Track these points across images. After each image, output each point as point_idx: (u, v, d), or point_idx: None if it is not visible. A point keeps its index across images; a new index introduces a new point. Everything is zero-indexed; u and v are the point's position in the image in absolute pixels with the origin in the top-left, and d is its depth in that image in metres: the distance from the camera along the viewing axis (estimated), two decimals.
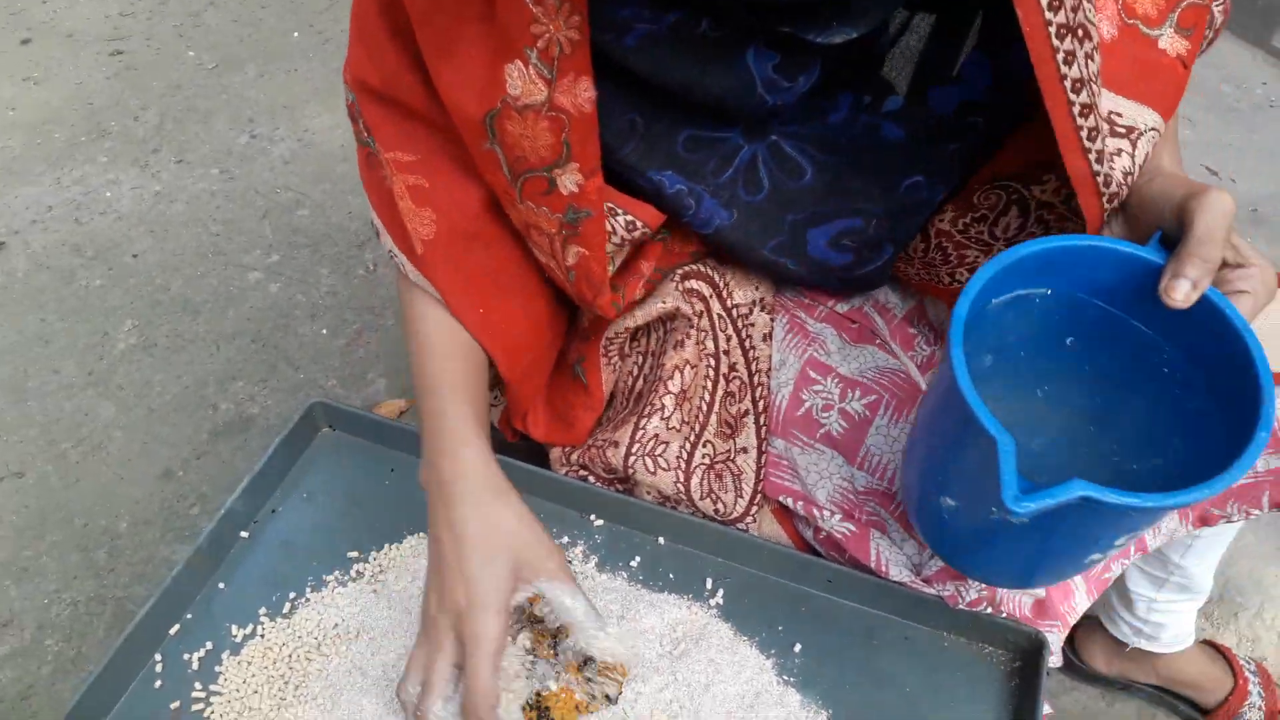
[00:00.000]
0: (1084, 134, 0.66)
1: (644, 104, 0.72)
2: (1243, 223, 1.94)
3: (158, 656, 0.79)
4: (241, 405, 1.69)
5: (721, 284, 0.89)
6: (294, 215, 2.01)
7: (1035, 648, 0.75)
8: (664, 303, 0.86)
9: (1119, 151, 0.69)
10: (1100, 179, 0.67)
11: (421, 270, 0.79)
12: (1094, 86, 0.65)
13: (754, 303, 0.91)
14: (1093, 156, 0.66)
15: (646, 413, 0.87)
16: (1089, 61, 0.64)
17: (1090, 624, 1.31)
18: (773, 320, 0.92)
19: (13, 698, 1.37)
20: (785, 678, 0.76)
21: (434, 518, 0.73)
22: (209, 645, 0.79)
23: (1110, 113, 0.69)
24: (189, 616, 0.82)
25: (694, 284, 0.87)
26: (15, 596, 1.46)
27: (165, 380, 1.73)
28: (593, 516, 0.87)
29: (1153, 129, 0.71)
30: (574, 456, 0.91)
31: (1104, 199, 0.68)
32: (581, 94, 0.66)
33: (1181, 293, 0.59)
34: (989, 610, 0.79)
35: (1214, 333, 0.61)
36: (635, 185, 0.77)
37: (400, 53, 0.73)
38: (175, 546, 1.49)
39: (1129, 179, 0.70)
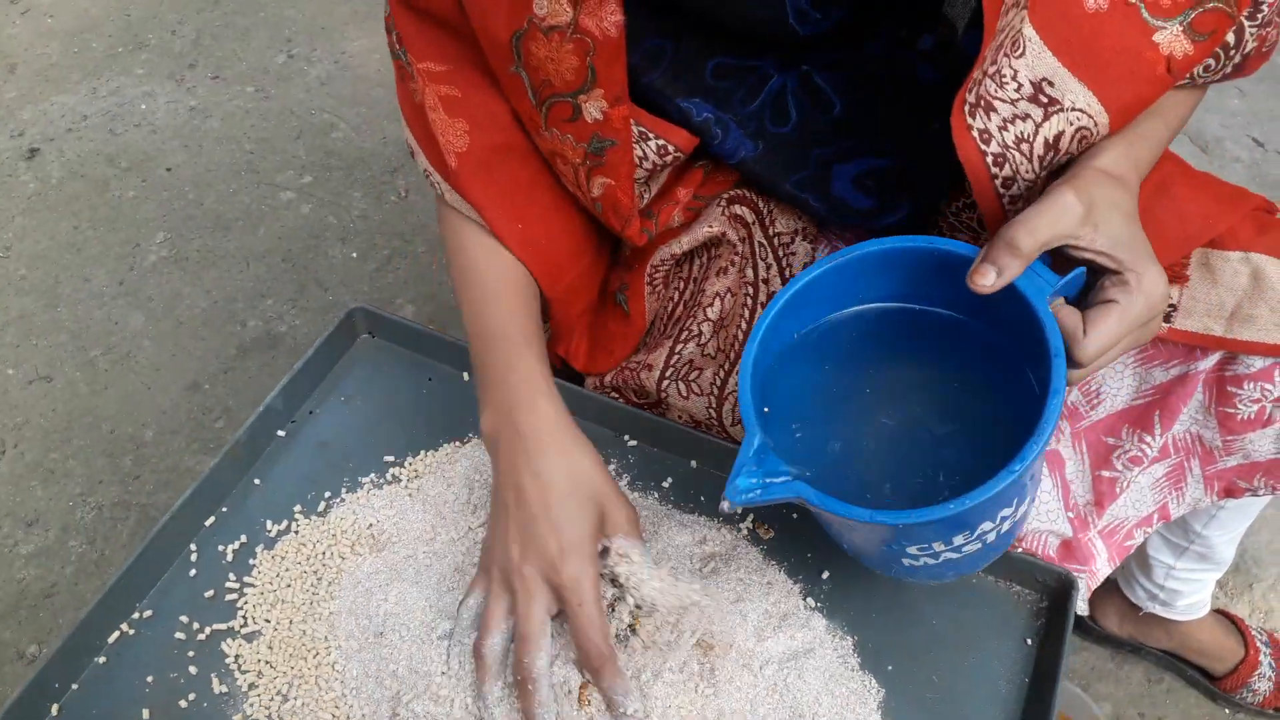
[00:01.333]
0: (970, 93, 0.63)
1: (674, 30, 0.71)
2: None
3: (193, 546, 0.80)
4: (270, 323, 1.70)
5: (765, 210, 0.89)
6: (328, 137, 2.00)
7: (1065, 589, 0.75)
8: (710, 227, 0.85)
9: (1024, 117, 0.65)
10: (975, 133, 0.65)
11: (455, 185, 0.78)
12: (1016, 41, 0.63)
13: (796, 231, 0.90)
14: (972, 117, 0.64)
15: (683, 338, 0.87)
16: (1005, 14, 0.62)
17: (1106, 585, 1.31)
18: (814, 250, 0.91)
19: (36, 595, 1.39)
20: (812, 602, 0.76)
21: (511, 467, 0.71)
22: (243, 539, 0.80)
23: (1042, 79, 0.64)
24: (224, 510, 0.82)
25: (739, 209, 0.87)
26: (41, 497, 1.49)
27: (195, 294, 1.74)
28: (626, 437, 0.87)
29: (1082, 113, 0.65)
30: (608, 378, 0.91)
31: (989, 161, 0.66)
32: (608, 17, 0.65)
33: (985, 278, 0.55)
34: (1016, 549, 0.79)
35: (1026, 321, 0.58)
36: (664, 111, 0.76)
37: None
38: (200, 457, 1.50)
39: (1025, 149, 0.66)
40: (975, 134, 0.66)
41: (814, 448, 0.65)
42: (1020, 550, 0.79)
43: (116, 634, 0.76)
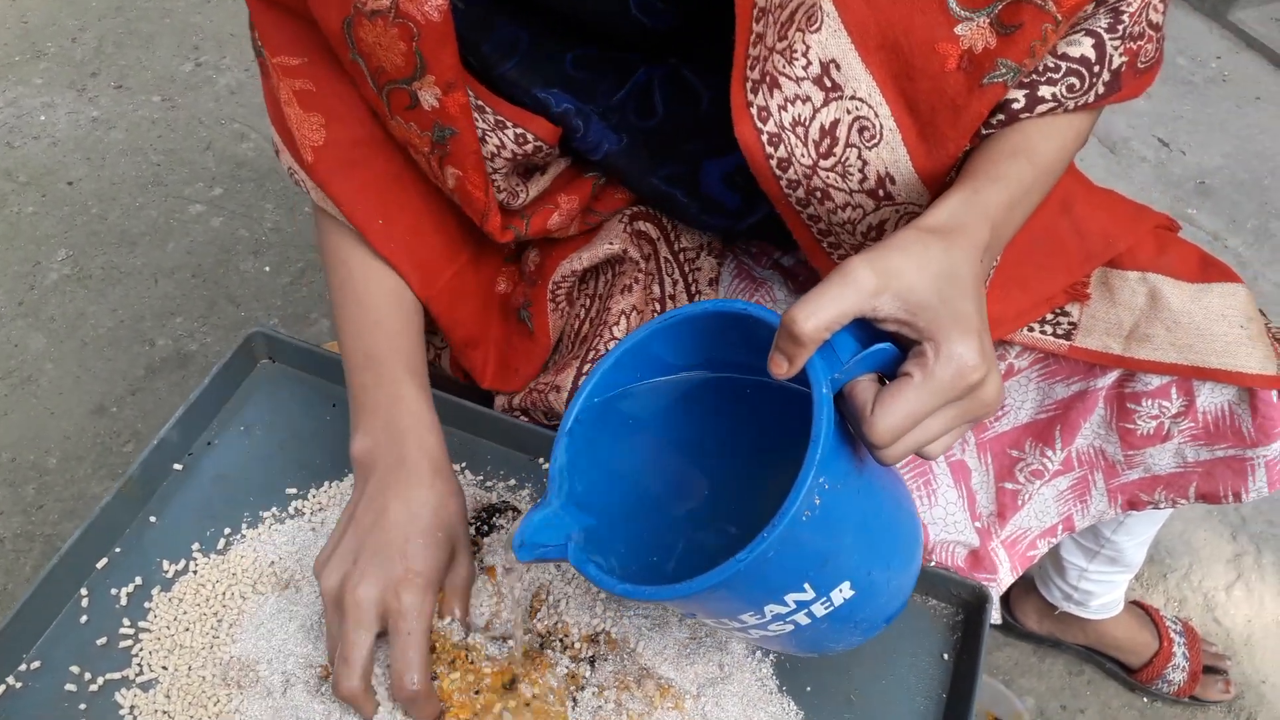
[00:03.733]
0: (750, 65, 0.62)
1: (529, 20, 0.69)
2: (1190, 194, 1.97)
3: (84, 590, 0.76)
4: (180, 341, 1.64)
5: (670, 226, 0.88)
6: (239, 148, 1.95)
7: (978, 602, 0.76)
8: (611, 244, 0.84)
9: (805, 99, 0.63)
10: (754, 110, 0.63)
11: (314, 178, 0.75)
12: (792, 18, 0.61)
13: (701, 247, 0.89)
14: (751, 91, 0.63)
15: (589, 357, 0.85)
16: None
17: (1024, 584, 1.34)
18: (720, 265, 0.91)
19: None
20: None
21: (380, 490, 0.70)
22: (139, 580, 0.77)
23: (831, 59, 0.62)
24: (118, 550, 0.79)
25: (642, 225, 0.86)
26: None
27: (100, 313, 1.68)
28: (541, 460, 0.85)
29: (862, 103, 0.63)
30: (515, 400, 0.89)
31: (764, 140, 0.64)
32: (429, 1, 0.63)
33: (778, 368, 0.52)
34: (928, 562, 0.79)
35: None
36: (522, 103, 0.73)
37: None
38: (107, 484, 1.45)
39: (800, 132, 0.65)
40: (754, 111, 0.64)
41: (620, 506, 0.65)
42: (932, 563, 0.79)
43: (1, 688, 0.72)
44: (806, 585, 0.55)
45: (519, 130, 0.73)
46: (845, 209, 0.69)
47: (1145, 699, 1.34)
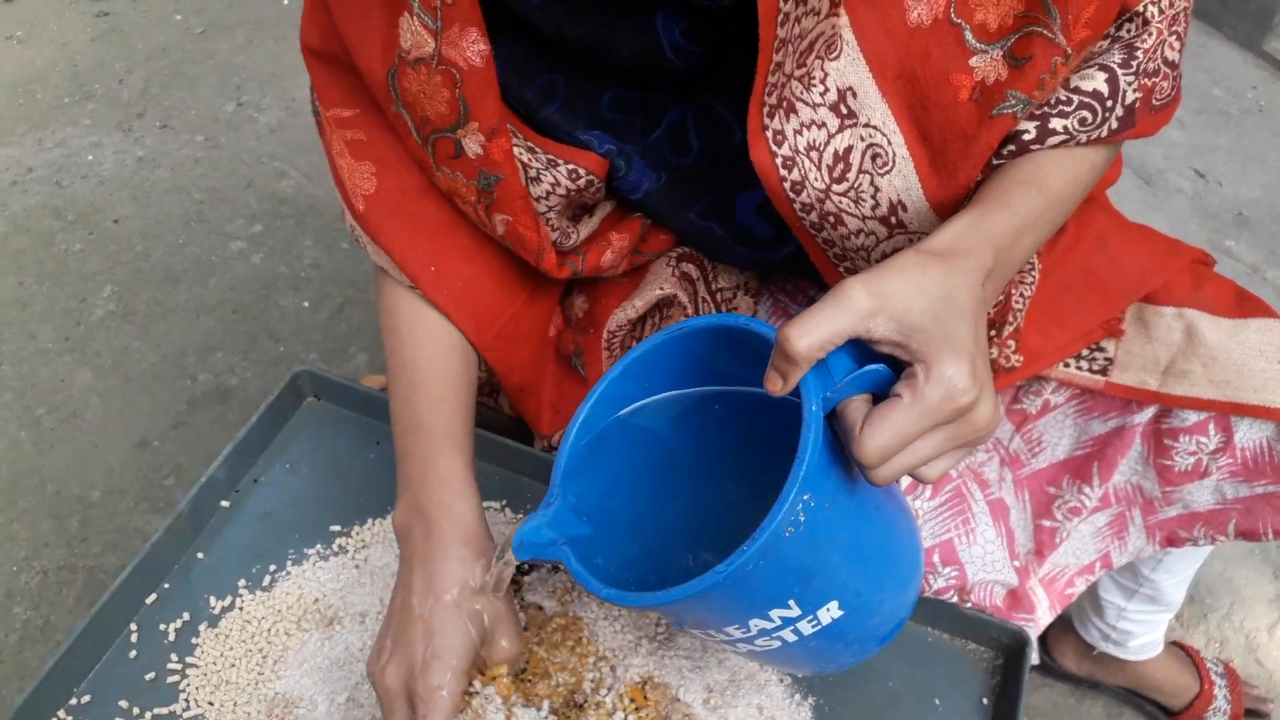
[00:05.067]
0: (768, 91, 0.63)
1: (563, 63, 0.70)
2: (1228, 226, 1.95)
3: (133, 626, 0.78)
4: (221, 376, 1.67)
5: (709, 266, 0.89)
6: (279, 185, 1.98)
7: (1019, 646, 0.75)
8: (662, 289, 0.85)
9: (820, 124, 0.64)
10: (770, 134, 0.64)
11: (365, 228, 0.76)
12: (814, 47, 0.62)
13: (738, 286, 0.90)
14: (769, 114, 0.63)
15: None
16: (799, 21, 0.60)
17: (1063, 625, 1.32)
18: (756, 304, 0.91)
19: None
20: (767, 665, 0.76)
21: (409, 566, 0.69)
22: (186, 616, 0.78)
23: (848, 87, 0.63)
24: (166, 586, 0.80)
25: (687, 267, 0.87)
26: None
27: (143, 348, 1.71)
28: None
29: (876, 130, 0.64)
30: (554, 438, 0.90)
31: (778, 163, 0.65)
32: (470, 46, 0.64)
33: (773, 385, 0.53)
34: (955, 598, 0.79)
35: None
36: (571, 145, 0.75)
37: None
38: (149, 517, 1.47)
39: (814, 156, 0.66)
40: (769, 134, 0.65)
41: (619, 516, 0.65)
42: (969, 605, 0.79)
43: None
44: (791, 602, 0.55)
45: (571, 167, 0.74)
46: (858, 235, 0.69)
47: None
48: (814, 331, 0.50)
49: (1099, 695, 1.35)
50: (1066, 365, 0.83)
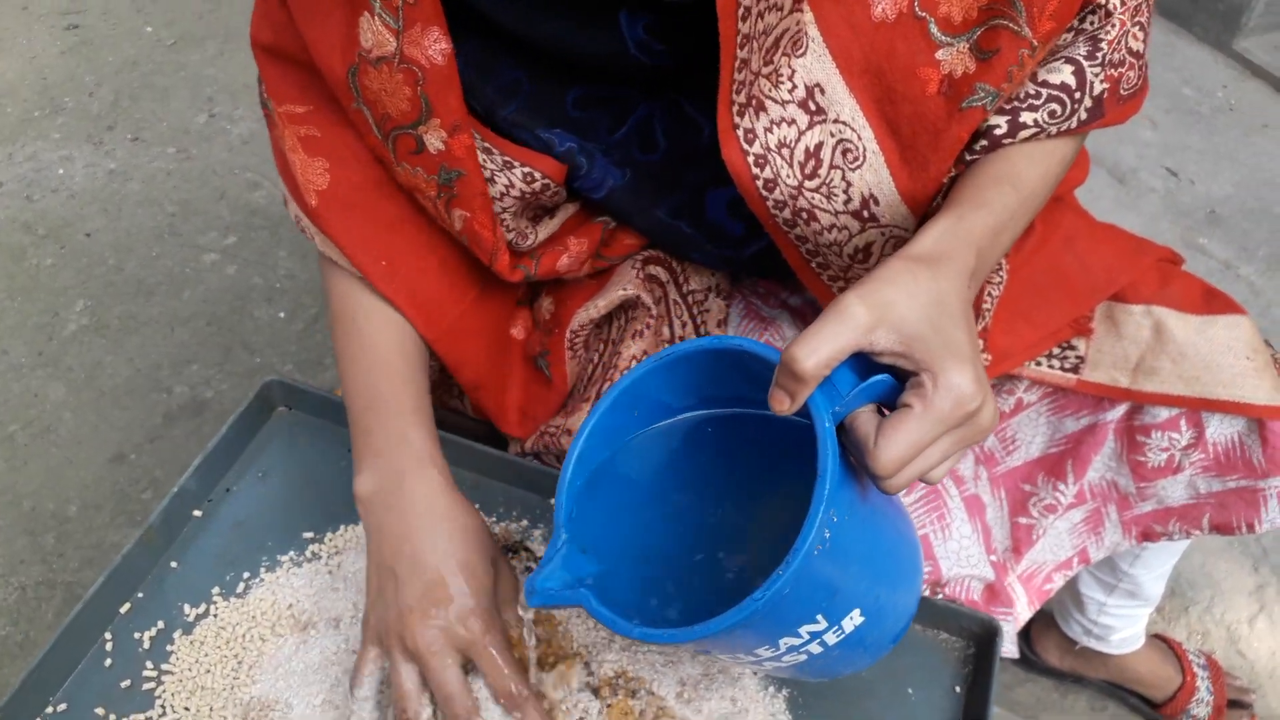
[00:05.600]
0: (735, 89, 0.63)
1: (528, 61, 0.71)
2: (1200, 224, 1.97)
3: (108, 635, 0.77)
4: (196, 389, 1.66)
5: (679, 269, 0.89)
6: (252, 196, 1.98)
7: (989, 635, 0.76)
8: (625, 290, 0.85)
9: (790, 121, 0.64)
10: (740, 132, 0.65)
11: (317, 223, 0.76)
12: (775, 43, 0.62)
13: (709, 289, 0.90)
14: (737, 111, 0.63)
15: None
16: (761, 17, 0.61)
17: (1045, 620, 1.33)
18: (728, 306, 0.92)
19: None
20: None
21: (402, 533, 0.70)
22: (160, 624, 0.78)
23: (816, 84, 0.63)
24: (140, 595, 0.80)
25: (654, 269, 0.87)
26: None
27: (117, 362, 1.70)
28: (553, 500, 0.86)
29: (846, 125, 0.64)
30: (528, 444, 0.90)
31: (750, 161, 0.66)
32: (432, 45, 0.65)
33: (780, 405, 0.53)
34: (938, 595, 0.80)
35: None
36: (526, 144, 0.75)
37: (287, 6, 0.72)
38: (126, 531, 1.46)
39: (785, 154, 0.66)
40: (740, 133, 0.65)
41: (626, 549, 0.65)
42: (941, 596, 0.80)
43: None
44: (819, 616, 0.55)
45: (526, 169, 0.74)
46: (831, 230, 0.70)
47: None
48: (820, 350, 0.51)
49: (1083, 690, 1.36)
50: (1039, 364, 0.84)
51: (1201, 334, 0.80)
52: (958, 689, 0.75)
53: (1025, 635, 1.35)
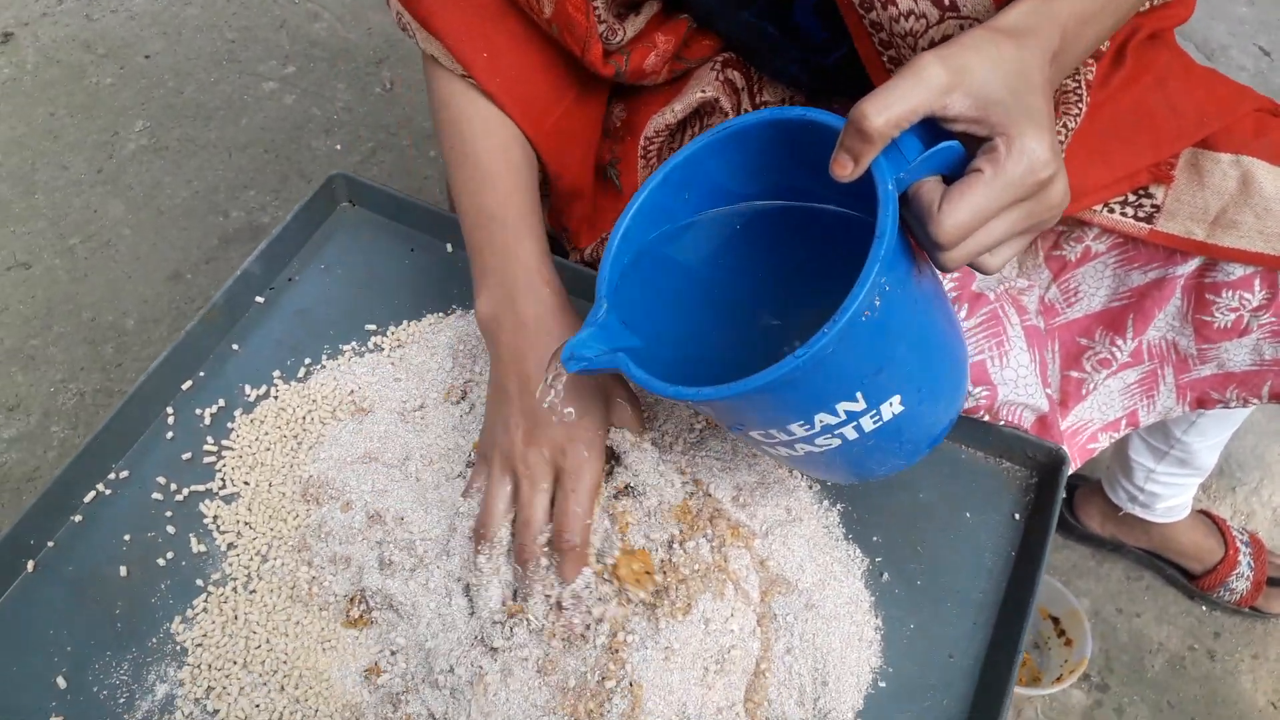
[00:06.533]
0: None
1: None
2: None
3: (170, 409, 0.78)
4: (252, 214, 1.66)
5: (755, 77, 0.86)
6: (312, 27, 1.94)
7: (1055, 464, 0.75)
8: (703, 92, 0.82)
9: None
10: None
11: (416, 13, 0.73)
12: None
13: (783, 100, 0.87)
14: None
15: None
16: None
17: (1089, 485, 1.32)
18: None
19: (18, 478, 1.38)
20: (796, 471, 0.75)
21: (514, 354, 0.70)
22: (221, 402, 0.79)
23: None
24: (201, 374, 0.81)
25: (731, 74, 0.84)
26: (21, 383, 1.47)
27: (175, 184, 1.70)
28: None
29: None
30: (587, 252, 0.88)
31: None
32: None
33: (843, 169, 0.51)
34: (986, 417, 0.78)
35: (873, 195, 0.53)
36: None
37: None
38: None
39: None
40: None
41: (666, 330, 0.64)
42: (985, 416, 0.78)
43: (92, 494, 0.75)
44: (859, 394, 0.54)
45: None
46: (909, 17, 0.66)
47: (1204, 606, 1.32)
48: (892, 108, 0.49)
49: (1119, 559, 1.35)
50: (1111, 210, 0.80)
51: None
52: (1017, 516, 0.75)
53: (1067, 501, 1.34)
